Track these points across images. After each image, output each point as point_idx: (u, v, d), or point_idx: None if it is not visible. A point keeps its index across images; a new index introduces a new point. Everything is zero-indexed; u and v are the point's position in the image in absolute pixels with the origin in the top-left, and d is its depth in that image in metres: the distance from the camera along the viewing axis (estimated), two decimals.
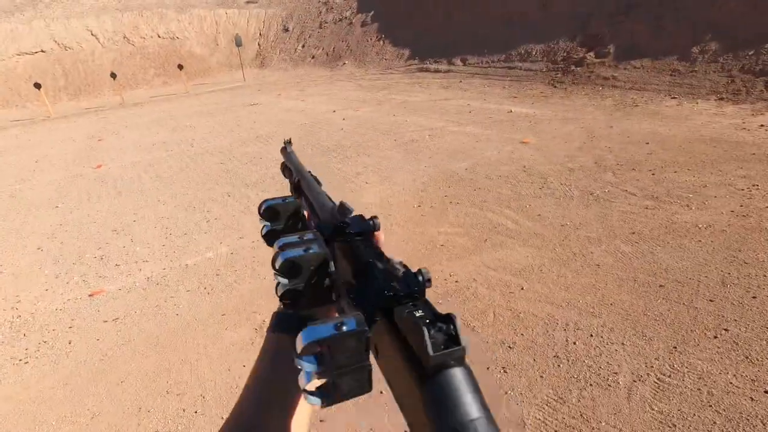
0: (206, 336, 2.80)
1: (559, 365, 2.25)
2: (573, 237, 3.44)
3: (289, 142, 0.96)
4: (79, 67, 17.95)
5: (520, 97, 8.82)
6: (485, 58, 12.11)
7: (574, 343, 2.38)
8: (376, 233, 0.58)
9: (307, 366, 0.32)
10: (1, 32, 17.20)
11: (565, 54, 10.18)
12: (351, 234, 0.51)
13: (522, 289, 2.89)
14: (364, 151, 6.31)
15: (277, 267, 0.42)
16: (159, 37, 19.89)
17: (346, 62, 16.63)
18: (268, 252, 0.46)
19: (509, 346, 2.41)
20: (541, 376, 2.19)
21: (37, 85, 14.08)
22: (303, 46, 19.11)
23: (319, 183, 0.77)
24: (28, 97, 16.13)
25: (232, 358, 2.58)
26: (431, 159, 5.65)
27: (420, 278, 0.38)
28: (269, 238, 0.57)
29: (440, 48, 13.47)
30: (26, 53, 17.41)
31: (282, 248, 0.43)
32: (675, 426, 1.87)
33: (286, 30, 20.31)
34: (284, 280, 0.42)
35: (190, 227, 4.44)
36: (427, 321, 0.32)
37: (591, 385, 2.12)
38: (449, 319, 0.32)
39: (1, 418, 2.40)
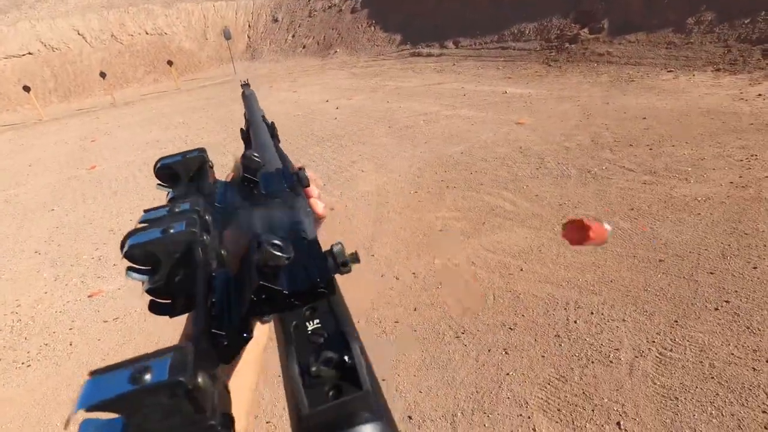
0: None
1: (560, 344, 2.24)
2: (572, 216, 3.42)
3: (246, 84, 0.86)
4: (67, 68, 17.74)
5: (514, 77, 8.71)
6: (478, 39, 11.94)
7: (575, 322, 2.37)
8: (306, 190, 0.46)
9: None
10: None
11: (558, 32, 10.04)
12: (264, 195, 0.41)
13: (521, 270, 2.88)
14: (359, 139, 6.26)
15: (123, 254, 0.30)
16: (147, 33, 19.60)
17: (338, 50, 16.43)
18: None
19: (510, 328, 2.41)
20: (543, 356, 2.19)
21: (27, 88, 13.92)
22: (293, 36, 18.86)
23: (273, 135, 0.65)
24: (19, 101, 15.97)
25: None
26: (426, 144, 5.60)
27: (330, 261, 0.28)
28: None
29: (432, 31, 13.27)
30: (13, 56, 17.19)
31: (133, 231, 0.31)
32: (677, 399, 1.87)
33: (276, 20, 20.01)
34: (139, 276, 0.30)
35: None
36: (316, 342, 0.24)
37: (593, 362, 2.11)
38: (344, 340, 0.23)
39: (5, 421, 2.40)
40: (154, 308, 0.31)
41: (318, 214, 0.47)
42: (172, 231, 0.30)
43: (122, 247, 0.30)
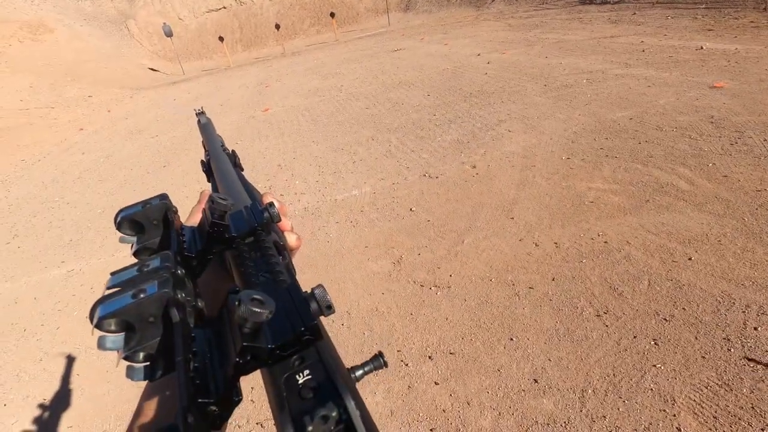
0: (352, 263, 3.15)
1: (729, 349, 1.94)
2: None
3: (201, 112, 0.78)
4: (251, 21, 20.29)
5: (717, 29, 7.06)
6: None
7: (756, 329, 2.00)
8: (279, 225, 0.44)
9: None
10: None
11: None
12: (234, 238, 0.38)
13: (690, 259, 2.50)
14: (509, 97, 5.92)
15: (94, 324, 0.28)
16: None
17: None
18: (408, 192, 0.36)
19: (665, 319, 2.16)
20: (703, 357, 1.93)
21: (221, 38, 16.46)
22: None
23: (236, 164, 0.61)
24: (214, 50, 19.02)
25: (372, 285, 2.87)
26: (587, 107, 5.03)
27: (313, 305, 0.27)
28: (140, 256, 0.40)
29: None
30: (213, 10, 20.30)
31: (102, 298, 0.29)
32: None
33: None
34: (114, 345, 0.29)
35: (339, 167, 4.88)
36: (308, 398, 0.23)
37: None
38: (337, 392, 0.22)
39: None
40: (132, 374, 0.29)
41: (292, 247, 0.46)
42: (143, 295, 0.29)
43: (92, 317, 0.28)
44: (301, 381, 0.24)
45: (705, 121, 4.06)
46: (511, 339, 2.24)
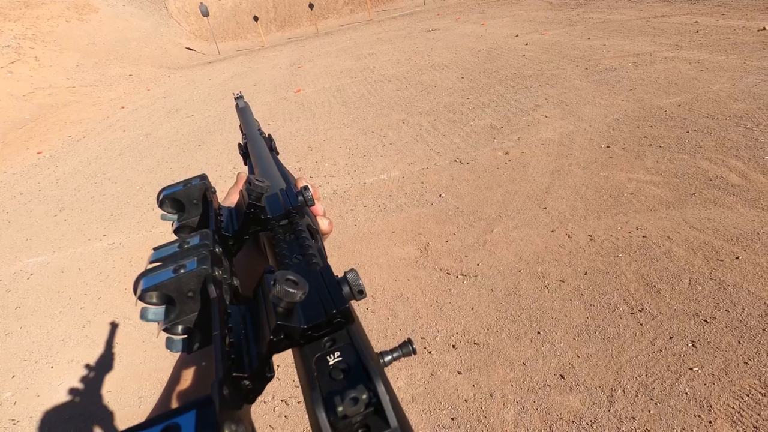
0: (378, 248, 3.15)
1: None
2: None
3: (240, 96, 0.80)
4: (285, 0, 20.23)
5: None
6: None
7: None
8: (311, 208, 0.45)
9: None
10: None
11: None
12: (270, 220, 0.39)
13: (737, 258, 2.35)
14: (547, 80, 5.68)
15: (137, 296, 0.30)
16: None
17: None
18: (438, 178, 0.36)
19: (705, 320, 2.05)
20: (746, 363, 1.82)
21: (255, 18, 16.52)
22: None
23: (272, 148, 0.63)
24: (248, 29, 19.15)
25: (398, 271, 2.87)
26: (632, 92, 4.76)
27: (345, 289, 0.27)
28: (180, 233, 0.43)
29: None
30: None
31: (145, 272, 0.31)
32: None
33: None
34: (155, 317, 0.30)
35: (369, 150, 4.85)
36: (338, 378, 0.23)
37: None
38: (368, 375, 0.22)
39: None
40: (171, 345, 0.31)
41: (323, 231, 0.47)
42: (183, 271, 0.30)
43: (135, 289, 0.30)
44: (331, 362, 0.24)
45: (763, 110, 3.76)
46: (539, 332, 2.19)
